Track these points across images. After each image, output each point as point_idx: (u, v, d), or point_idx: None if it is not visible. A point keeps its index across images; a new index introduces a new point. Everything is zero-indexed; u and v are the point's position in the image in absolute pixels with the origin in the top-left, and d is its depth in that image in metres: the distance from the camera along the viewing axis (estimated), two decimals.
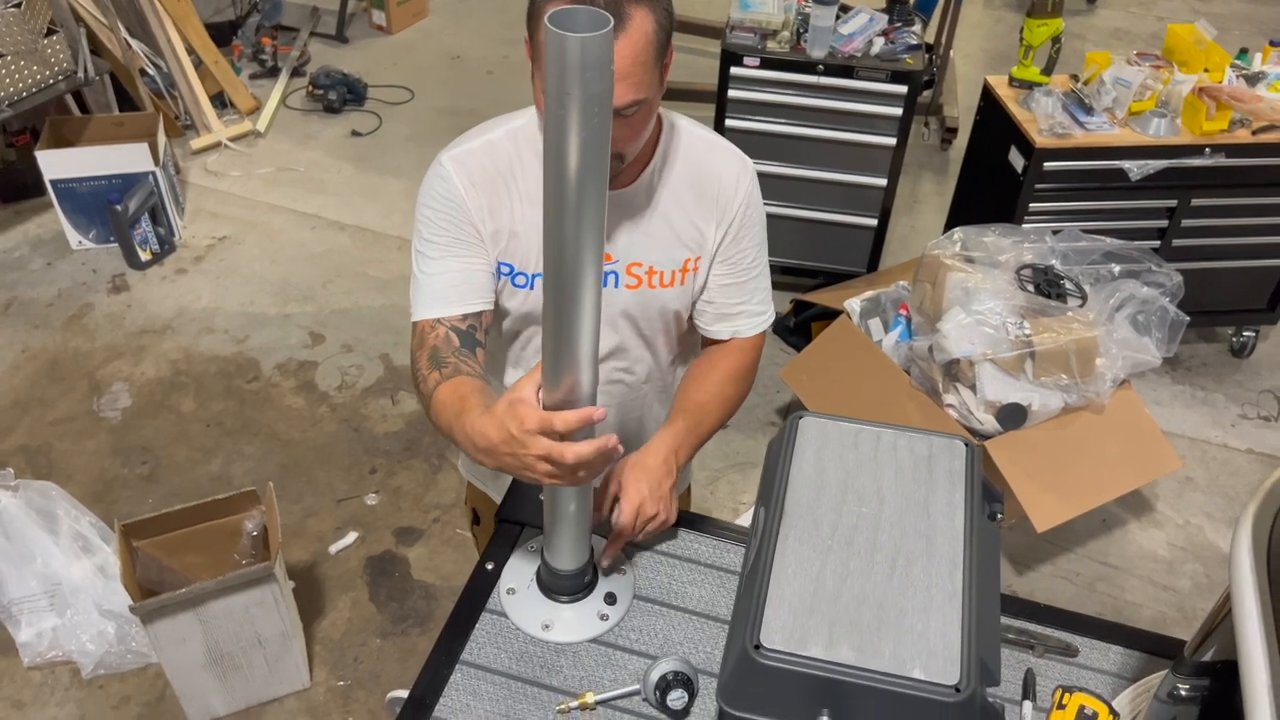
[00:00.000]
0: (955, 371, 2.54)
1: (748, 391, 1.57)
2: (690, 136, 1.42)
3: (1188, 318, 2.55)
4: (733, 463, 3.07)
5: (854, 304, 2.88)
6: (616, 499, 1.38)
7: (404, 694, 1.24)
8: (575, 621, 1.30)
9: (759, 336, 1.55)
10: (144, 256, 3.68)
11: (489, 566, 1.37)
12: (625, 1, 1.15)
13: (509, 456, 1.11)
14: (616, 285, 1.43)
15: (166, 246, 3.76)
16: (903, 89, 3.07)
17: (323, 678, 2.45)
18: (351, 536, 2.78)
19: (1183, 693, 1.08)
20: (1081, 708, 0.98)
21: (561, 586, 1.31)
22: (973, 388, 2.51)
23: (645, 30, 1.17)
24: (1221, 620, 1.01)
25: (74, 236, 3.74)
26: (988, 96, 3.19)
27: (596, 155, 0.93)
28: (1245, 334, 3.48)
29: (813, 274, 3.52)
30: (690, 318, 1.55)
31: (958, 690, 1.03)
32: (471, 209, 1.36)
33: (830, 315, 2.99)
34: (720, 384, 1.51)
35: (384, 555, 2.75)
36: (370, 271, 3.75)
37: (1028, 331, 2.44)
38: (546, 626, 1.30)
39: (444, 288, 1.37)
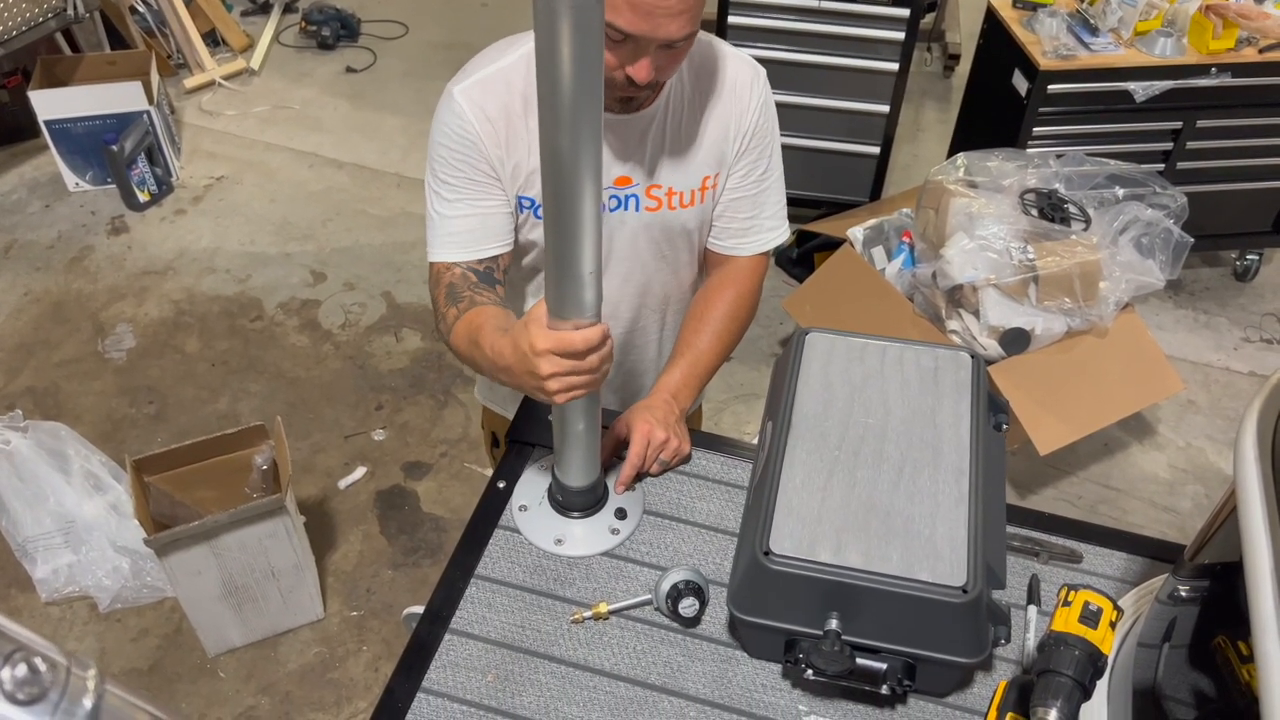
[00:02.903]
0: (958, 297, 2.54)
1: (749, 321, 1.55)
2: (707, 50, 1.39)
3: (1191, 239, 2.54)
4: (737, 394, 3.08)
5: (857, 232, 2.87)
6: (623, 441, 1.39)
7: (420, 609, 1.27)
8: (586, 536, 1.32)
9: (761, 259, 1.54)
10: (142, 197, 3.66)
11: (501, 485, 1.39)
12: None
13: (525, 375, 1.11)
14: (636, 209, 1.41)
15: (164, 187, 3.74)
16: (905, 12, 3.03)
17: (336, 609, 2.49)
18: (360, 471, 2.81)
19: (1183, 594, 1.10)
20: (1086, 604, 1.00)
21: (573, 502, 1.33)
22: (976, 313, 2.51)
23: None
24: (1222, 524, 1.03)
25: (71, 178, 3.71)
26: (991, 19, 3.14)
27: (590, 69, 0.92)
28: (1249, 257, 3.47)
29: (815, 204, 3.50)
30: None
31: (964, 591, 1.05)
32: (486, 145, 1.31)
33: (833, 245, 2.98)
34: (718, 323, 1.49)
35: (393, 489, 2.78)
36: (370, 209, 3.73)
37: (1031, 256, 2.43)
38: (559, 541, 1.32)
39: (459, 232, 1.35)
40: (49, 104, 3.53)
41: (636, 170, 1.38)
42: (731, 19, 3.12)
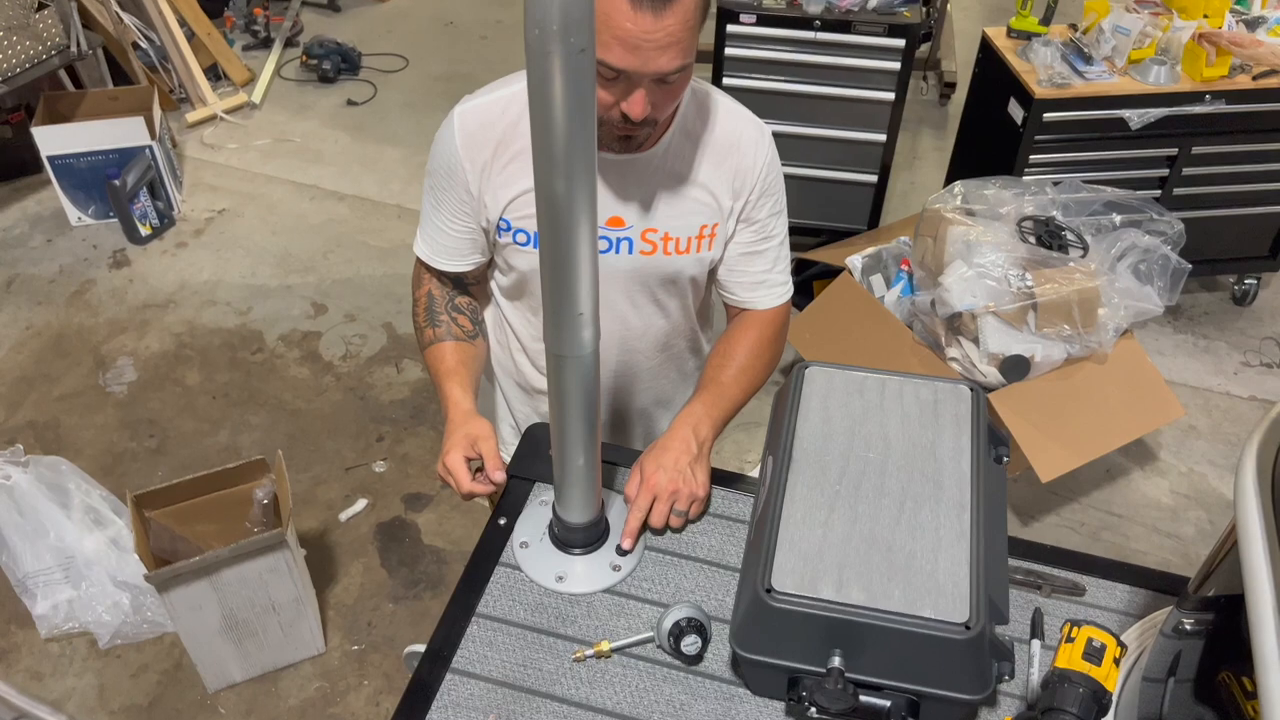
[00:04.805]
0: (958, 325, 2.54)
1: (775, 362, 1.56)
2: (708, 101, 1.39)
3: (1189, 265, 2.55)
4: (737, 423, 3.01)
5: (855, 261, 2.88)
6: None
7: (421, 648, 1.26)
8: (588, 573, 1.32)
9: (784, 306, 1.54)
10: (144, 231, 3.68)
11: (501, 521, 1.39)
12: None
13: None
14: (631, 251, 1.41)
15: (166, 221, 3.76)
16: (900, 43, 3.05)
17: (337, 642, 2.47)
18: (361, 504, 2.80)
19: (1187, 627, 1.10)
20: (1090, 640, 0.99)
21: (573, 539, 1.33)
22: (975, 340, 2.51)
23: None
24: (1225, 556, 1.02)
25: (73, 213, 3.73)
26: (986, 48, 3.17)
27: (583, 120, 0.93)
28: (1247, 282, 3.47)
29: (814, 232, 3.51)
30: (709, 285, 1.55)
31: (967, 628, 1.05)
32: (466, 168, 1.37)
33: (832, 273, 2.99)
34: (742, 359, 1.50)
35: (393, 521, 2.77)
36: (370, 241, 3.75)
37: (1030, 283, 2.44)
38: (560, 578, 1.31)
39: (436, 240, 1.47)
40: (52, 140, 3.55)
41: (632, 212, 1.39)
42: (729, 51, 3.14)
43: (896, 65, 3.10)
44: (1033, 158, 2.99)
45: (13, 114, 3.88)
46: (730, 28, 3.10)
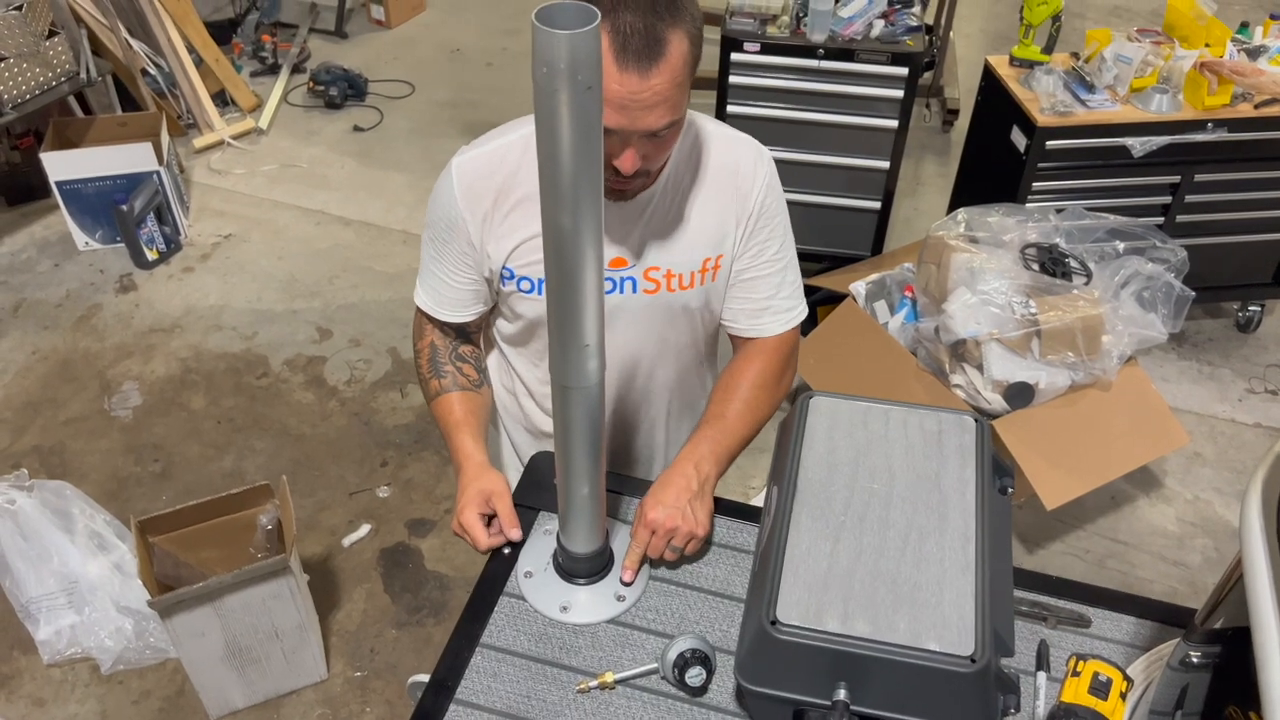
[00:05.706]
0: (962, 352, 2.55)
1: (784, 393, 1.52)
2: (705, 134, 1.39)
3: (1193, 293, 2.55)
4: None
5: (859, 287, 2.89)
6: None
7: (425, 678, 1.26)
8: (592, 603, 1.32)
9: (790, 334, 1.51)
10: (150, 256, 3.70)
11: (506, 551, 1.39)
12: (662, 28, 1.13)
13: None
14: (634, 290, 1.41)
15: (172, 245, 3.78)
16: (903, 71, 3.07)
17: (340, 669, 2.47)
18: (364, 529, 2.80)
19: (1195, 660, 1.09)
20: (1096, 674, 0.99)
21: (578, 569, 1.33)
22: (980, 367, 2.51)
23: (682, 52, 1.16)
24: (1232, 588, 1.02)
25: (80, 237, 3.75)
26: (989, 76, 3.19)
27: (589, 155, 0.94)
28: (1251, 308, 3.48)
29: (817, 258, 3.52)
30: (717, 318, 1.54)
31: (973, 661, 1.04)
32: (467, 219, 1.37)
33: (836, 299, 2.99)
34: (746, 393, 1.46)
35: (397, 547, 2.77)
36: (375, 266, 3.77)
37: (1033, 310, 2.45)
38: (564, 608, 1.31)
39: (437, 290, 1.47)
40: (60, 165, 3.58)
41: (632, 253, 1.39)
42: (733, 79, 3.16)
43: (900, 93, 3.12)
44: (1036, 185, 3.01)
45: (22, 139, 3.91)
46: (734, 56, 3.12)
